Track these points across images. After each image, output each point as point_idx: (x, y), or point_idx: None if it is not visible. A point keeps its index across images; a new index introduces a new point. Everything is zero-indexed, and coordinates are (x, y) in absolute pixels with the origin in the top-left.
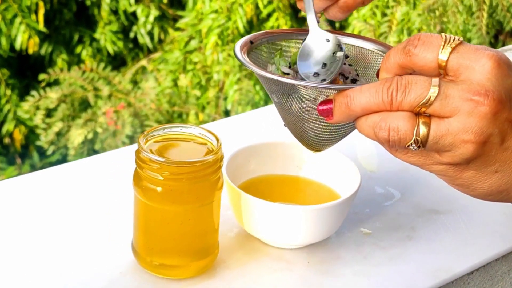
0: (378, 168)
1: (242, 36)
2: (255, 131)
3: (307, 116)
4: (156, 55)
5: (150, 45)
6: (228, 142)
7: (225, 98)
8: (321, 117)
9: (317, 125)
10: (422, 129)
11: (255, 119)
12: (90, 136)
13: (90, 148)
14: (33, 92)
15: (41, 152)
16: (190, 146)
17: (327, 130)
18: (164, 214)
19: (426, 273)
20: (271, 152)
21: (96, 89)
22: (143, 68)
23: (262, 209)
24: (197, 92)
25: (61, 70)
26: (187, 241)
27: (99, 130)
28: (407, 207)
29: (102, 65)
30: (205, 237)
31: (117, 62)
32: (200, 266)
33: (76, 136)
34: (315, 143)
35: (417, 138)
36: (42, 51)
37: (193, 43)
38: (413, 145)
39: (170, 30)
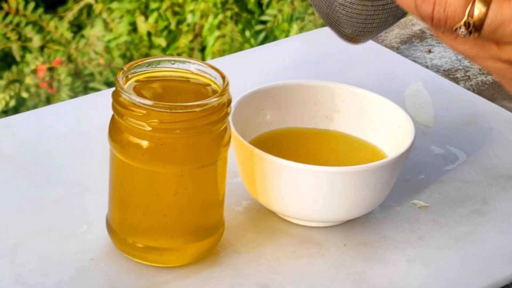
0: (435, 121)
1: None
2: (271, 69)
3: None
4: None
5: None
6: (235, 83)
7: (203, 49)
8: None
9: None
10: (479, 9)
11: (270, 53)
12: (13, 103)
13: None
14: None
15: None
16: (186, 86)
17: (360, 5)
18: (151, 178)
19: (503, 258)
20: (293, 97)
21: (23, 38)
22: (89, 9)
23: (283, 173)
24: (164, 41)
25: None
26: (183, 216)
27: (25, 95)
28: (476, 172)
29: (30, 5)
30: (206, 211)
31: (50, 0)
32: (199, 250)
33: None
34: (347, 26)
35: (468, 19)
36: None
37: None
38: (463, 28)
39: None
